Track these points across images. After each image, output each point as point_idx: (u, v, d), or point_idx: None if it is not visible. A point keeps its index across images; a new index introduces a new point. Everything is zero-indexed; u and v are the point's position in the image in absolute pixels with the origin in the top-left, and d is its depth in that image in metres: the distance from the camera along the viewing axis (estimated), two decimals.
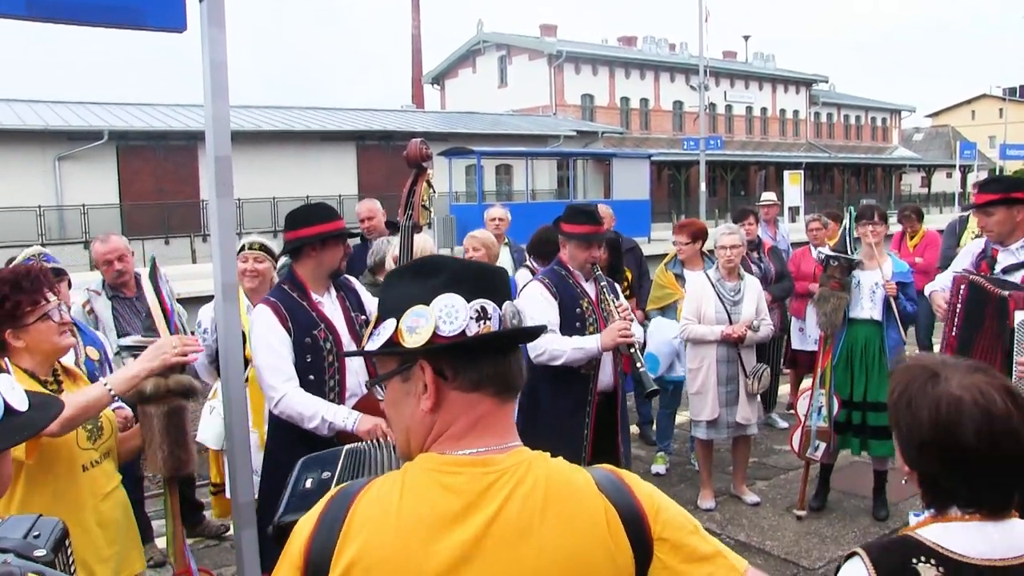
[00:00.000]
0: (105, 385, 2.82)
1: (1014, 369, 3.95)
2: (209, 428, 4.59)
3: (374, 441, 2.29)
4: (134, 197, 29.14)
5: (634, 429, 7.71)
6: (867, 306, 5.62)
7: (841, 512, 5.84)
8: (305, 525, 1.42)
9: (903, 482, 1.83)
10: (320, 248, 3.67)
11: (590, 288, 4.75)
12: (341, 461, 2.15)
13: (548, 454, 1.47)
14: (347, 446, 2.26)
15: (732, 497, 6.10)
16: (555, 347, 4.45)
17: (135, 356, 3.12)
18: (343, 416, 3.44)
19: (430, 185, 3.60)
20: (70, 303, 3.81)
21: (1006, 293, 4.04)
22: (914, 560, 1.64)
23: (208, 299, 4.32)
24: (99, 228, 27.12)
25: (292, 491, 2.12)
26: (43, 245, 25.63)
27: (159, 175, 29.90)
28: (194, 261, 25.85)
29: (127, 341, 3.37)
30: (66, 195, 27.81)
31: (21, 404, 1.68)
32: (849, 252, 5.62)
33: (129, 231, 27.39)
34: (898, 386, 1.75)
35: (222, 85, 2.97)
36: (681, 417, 7.29)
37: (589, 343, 4.50)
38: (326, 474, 2.10)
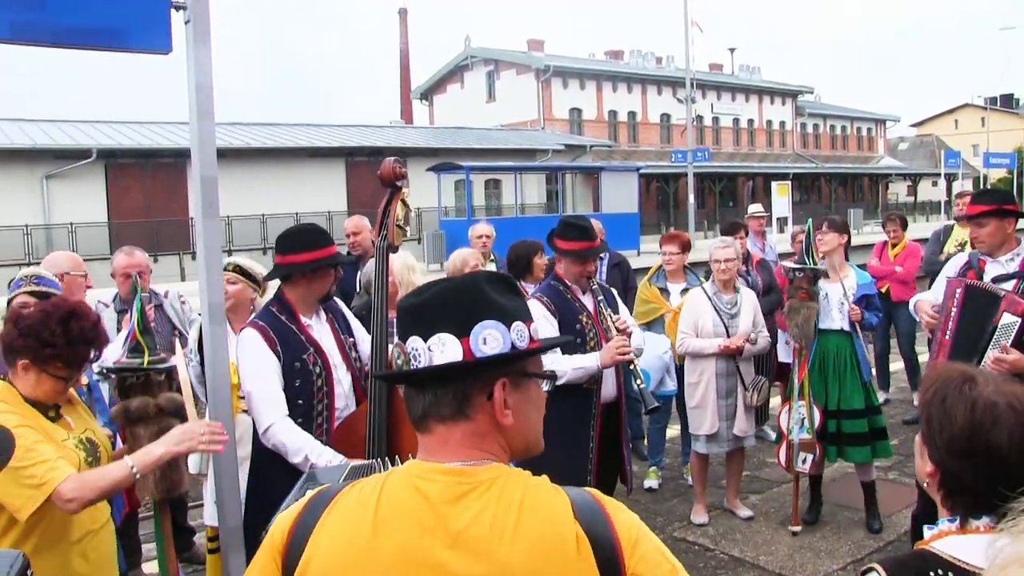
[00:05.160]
0: (131, 467, 2.76)
1: (984, 363, 4.04)
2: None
3: (379, 460, 2.27)
4: (123, 215, 29.07)
5: None
6: (836, 317, 5.69)
7: (835, 525, 5.82)
8: (287, 517, 1.51)
9: (924, 485, 1.81)
10: (311, 274, 3.61)
11: (588, 301, 4.72)
12: (345, 475, 2.15)
13: (529, 472, 1.48)
14: (353, 462, 2.26)
15: (725, 511, 6.08)
16: (556, 367, 4.38)
17: (113, 378, 3.09)
18: (327, 458, 3.35)
19: (405, 204, 3.58)
20: None
21: (1002, 292, 4.15)
22: (931, 574, 1.63)
23: (198, 316, 4.28)
24: (88, 247, 27.06)
25: (294, 499, 2.13)
26: (29, 265, 25.65)
27: (147, 193, 29.86)
28: (183, 279, 25.80)
29: (108, 363, 3.31)
30: (54, 214, 27.74)
31: None
32: (815, 261, 5.64)
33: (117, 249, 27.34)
34: (933, 385, 1.76)
35: (207, 106, 2.96)
36: (672, 431, 7.28)
37: (589, 361, 4.46)
38: (328, 485, 2.11)
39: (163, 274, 24.98)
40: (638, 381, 4.50)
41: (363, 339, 3.94)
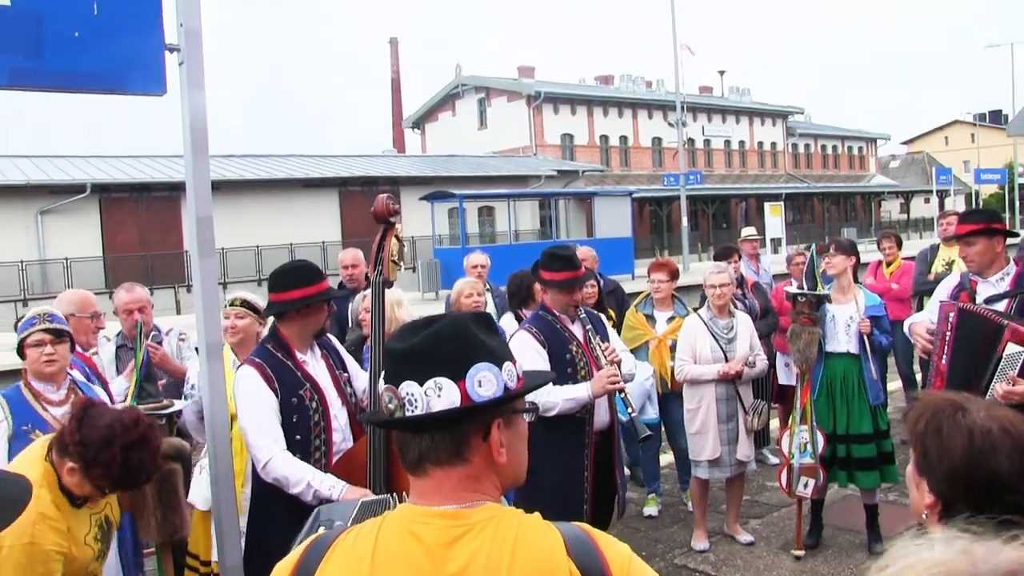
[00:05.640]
0: None
1: (990, 392, 3.97)
2: (199, 489, 4.52)
3: (392, 494, 2.28)
4: (117, 249, 29.08)
5: (625, 471, 7.68)
6: (843, 339, 5.66)
7: (836, 548, 5.81)
8: (286, 565, 1.53)
9: (923, 516, 1.80)
10: (304, 311, 3.65)
11: (577, 330, 4.71)
12: (355, 512, 2.16)
13: (521, 511, 1.50)
14: (363, 498, 2.26)
15: (726, 537, 6.07)
16: (547, 399, 4.37)
17: None
18: (328, 485, 3.38)
19: (399, 239, 3.63)
20: (65, 364, 3.78)
21: (1005, 322, 4.03)
22: None
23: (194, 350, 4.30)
24: (83, 282, 27.06)
25: (304, 538, 2.14)
26: (25, 301, 25.62)
27: (142, 227, 29.88)
28: (179, 312, 25.78)
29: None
30: (49, 249, 27.75)
31: None
32: (818, 286, 5.66)
33: (113, 283, 27.32)
34: (923, 417, 1.76)
35: (202, 146, 3.01)
36: (668, 457, 7.27)
37: (580, 392, 4.44)
38: (338, 523, 2.11)
39: (159, 307, 24.77)
40: (629, 410, 4.49)
41: (356, 374, 3.98)
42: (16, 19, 2.72)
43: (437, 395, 1.45)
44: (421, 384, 1.45)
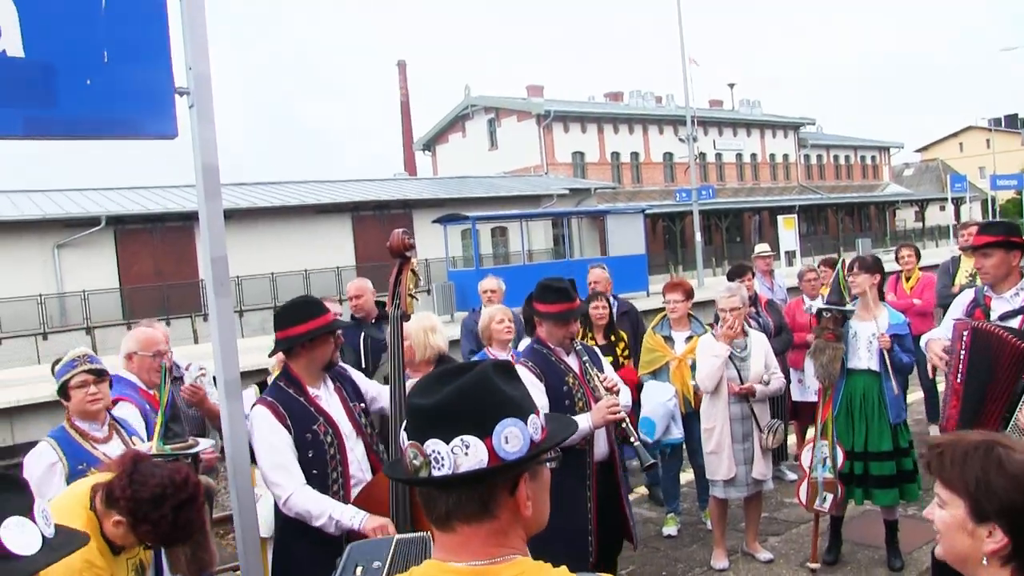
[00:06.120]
0: None
1: (1015, 419, 3.97)
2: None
3: (428, 532, 2.30)
4: (134, 280, 29.28)
5: (643, 491, 7.69)
6: (864, 356, 5.62)
7: (855, 565, 5.80)
8: None
9: (983, 563, 1.76)
10: (310, 345, 3.69)
11: (573, 362, 4.68)
12: (392, 551, 2.17)
13: (549, 565, 1.49)
14: (398, 536, 2.27)
15: (745, 555, 6.06)
16: None
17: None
18: (350, 516, 3.44)
19: (414, 273, 3.69)
20: (111, 403, 3.86)
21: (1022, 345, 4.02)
22: None
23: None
24: (100, 314, 27.29)
25: None
26: (45, 335, 25.82)
27: (157, 257, 30.09)
28: (196, 341, 25.89)
29: (141, 449, 3.39)
30: (66, 282, 27.93)
31: (27, 546, 1.74)
32: (844, 301, 5.65)
33: (131, 315, 27.49)
34: (971, 461, 1.75)
35: (215, 188, 3.06)
36: (687, 476, 7.26)
37: (581, 423, 4.36)
38: (376, 564, 2.12)
39: (176, 337, 25.04)
40: (632, 439, 4.47)
41: (377, 395, 4.02)
42: (30, 70, 2.78)
43: (464, 453, 1.43)
44: (447, 442, 1.44)
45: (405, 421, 1.55)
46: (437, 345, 4.84)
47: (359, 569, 2.12)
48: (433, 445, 1.45)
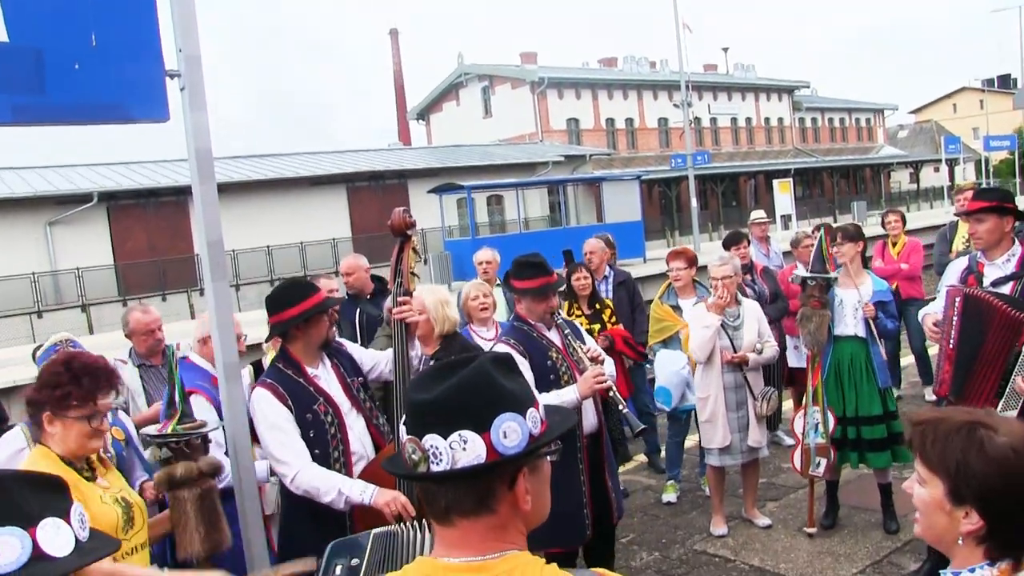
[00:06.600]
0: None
1: (1012, 383, 4.08)
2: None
3: (405, 524, 2.30)
4: (128, 256, 29.19)
5: (642, 458, 7.74)
6: (851, 323, 5.72)
7: (852, 528, 5.86)
8: None
9: (959, 543, 1.77)
10: (305, 326, 3.71)
11: (554, 337, 4.68)
12: (370, 546, 2.18)
13: (543, 560, 1.50)
14: (375, 530, 2.27)
15: (744, 521, 6.12)
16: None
17: (159, 446, 3.17)
18: (359, 490, 3.47)
19: (415, 251, 3.69)
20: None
21: (1022, 316, 4.12)
22: None
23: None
24: (95, 291, 27.24)
25: None
26: (40, 313, 25.78)
27: (151, 232, 29.97)
28: (192, 316, 25.84)
29: (151, 431, 3.39)
30: (59, 260, 27.85)
31: (60, 548, 1.77)
32: (827, 269, 5.69)
33: (126, 291, 27.47)
34: (952, 440, 1.74)
35: (208, 171, 3.05)
36: (689, 442, 7.31)
37: (568, 395, 4.40)
38: (355, 561, 2.13)
39: (172, 312, 25.12)
40: (621, 406, 4.49)
41: (376, 363, 4.05)
42: (16, 55, 2.75)
43: (463, 448, 1.43)
44: (445, 437, 1.44)
45: (404, 415, 1.55)
46: (455, 317, 4.82)
47: (339, 568, 2.14)
48: (431, 440, 1.45)
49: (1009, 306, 4.16)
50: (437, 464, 1.45)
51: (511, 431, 1.45)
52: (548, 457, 1.58)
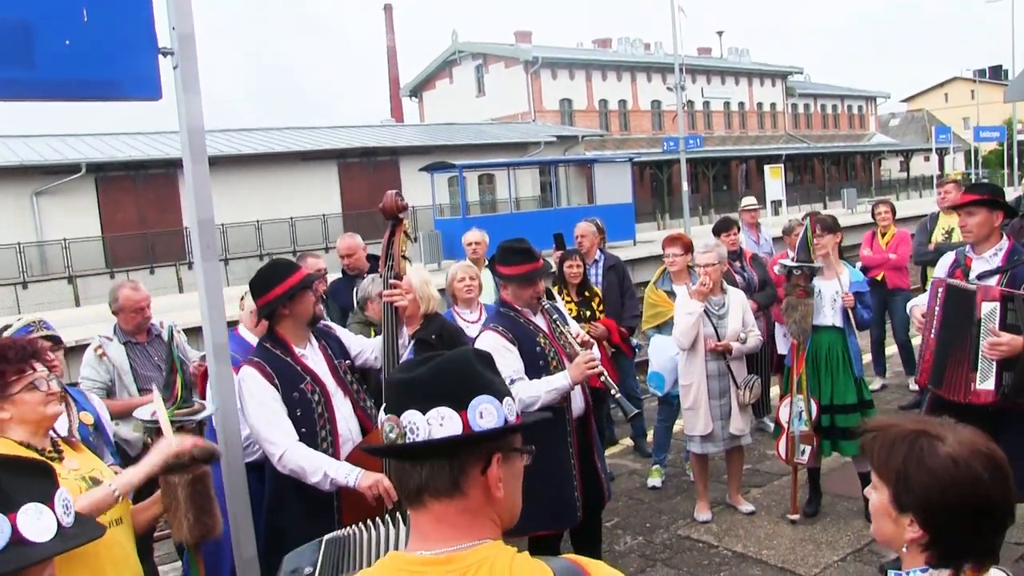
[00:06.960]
0: (112, 489, 2.82)
1: (980, 351, 4.25)
2: None
3: (359, 525, 2.29)
4: (116, 229, 29.00)
5: (628, 442, 7.77)
6: (828, 313, 5.77)
7: (835, 516, 5.90)
8: None
9: (903, 550, 1.79)
10: (290, 303, 3.70)
11: (541, 322, 4.64)
12: (322, 553, 2.18)
13: (515, 549, 1.51)
14: (326, 536, 2.26)
15: (728, 507, 6.16)
16: (529, 394, 4.30)
17: (151, 431, 3.15)
18: (345, 472, 3.48)
19: (407, 235, 3.68)
20: (62, 371, 3.78)
21: (974, 287, 4.36)
22: None
23: (197, 329, 4.28)
24: (82, 262, 27.08)
25: None
26: (25, 284, 25.64)
27: (140, 205, 29.79)
28: (180, 290, 25.75)
29: (144, 415, 3.37)
30: (46, 231, 27.62)
31: (41, 533, 1.77)
32: (812, 258, 5.71)
33: (113, 263, 27.32)
34: (897, 448, 1.75)
35: (200, 150, 3.03)
36: (677, 426, 7.34)
37: (560, 381, 4.36)
38: (308, 570, 2.13)
39: (160, 285, 25.03)
40: (613, 391, 4.47)
41: (362, 348, 4.04)
42: (5, 29, 2.72)
43: (440, 424, 1.47)
44: (424, 413, 1.48)
45: (385, 399, 1.57)
46: (438, 297, 4.83)
47: None
48: (410, 416, 1.49)
49: (986, 290, 4.32)
50: (413, 438, 1.48)
51: (487, 412, 1.49)
52: (522, 456, 1.60)
